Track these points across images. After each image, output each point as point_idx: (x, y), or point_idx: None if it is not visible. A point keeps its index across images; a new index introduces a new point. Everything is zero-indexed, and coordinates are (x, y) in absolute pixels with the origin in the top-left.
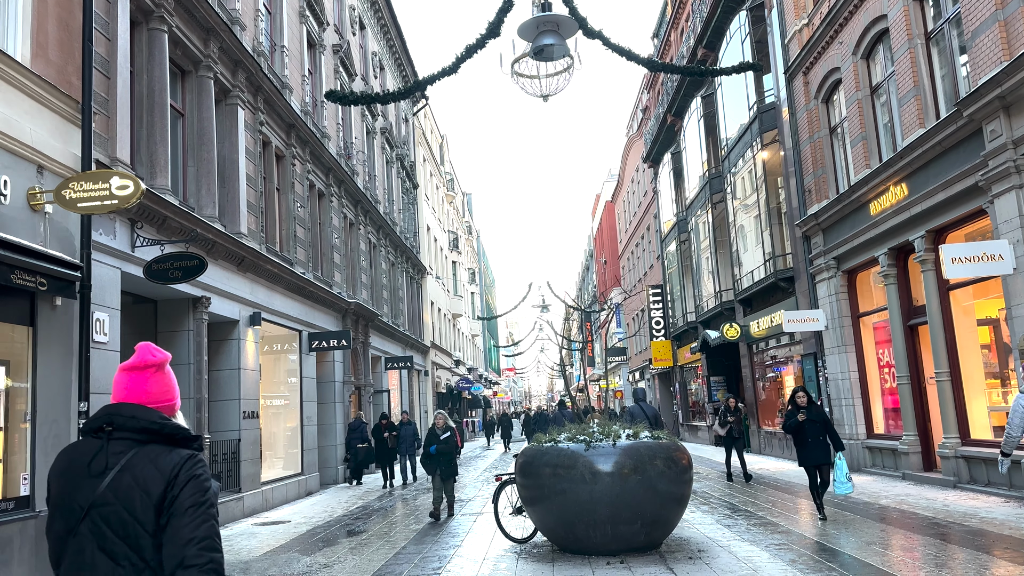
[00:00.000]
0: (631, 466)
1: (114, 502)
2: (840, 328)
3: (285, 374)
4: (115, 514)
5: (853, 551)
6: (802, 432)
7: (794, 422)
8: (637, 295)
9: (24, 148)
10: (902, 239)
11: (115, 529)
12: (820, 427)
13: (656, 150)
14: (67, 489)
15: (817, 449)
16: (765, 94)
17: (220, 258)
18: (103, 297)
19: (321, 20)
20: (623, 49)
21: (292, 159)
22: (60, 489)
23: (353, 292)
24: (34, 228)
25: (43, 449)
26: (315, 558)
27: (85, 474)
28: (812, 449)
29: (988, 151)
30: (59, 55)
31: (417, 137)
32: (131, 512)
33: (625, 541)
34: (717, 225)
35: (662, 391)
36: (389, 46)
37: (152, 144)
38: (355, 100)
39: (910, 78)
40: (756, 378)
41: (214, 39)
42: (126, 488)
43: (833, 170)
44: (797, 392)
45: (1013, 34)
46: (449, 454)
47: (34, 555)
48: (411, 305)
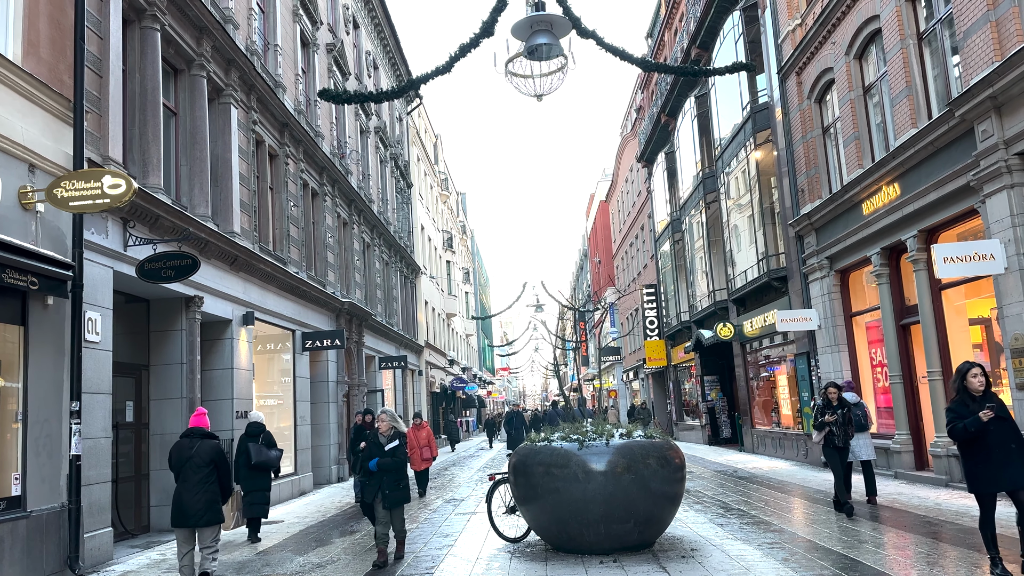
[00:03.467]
0: (624, 465)
1: (195, 456)
2: (833, 327)
3: (278, 374)
4: (196, 461)
5: (846, 550)
6: (983, 439)
7: (974, 421)
8: (631, 294)
9: (15, 147)
10: (894, 239)
11: (197, 466)
12: (1010, 429)
13: (650, 150)
14: (180, 454)
15: (1011, 464)
16: (758, 94)
17: (213, 257)
18: (95, 296)
19: (315, 19)
20: (617, 49)
21: (285, 158)
22: (178, 455)
23: (347, 291)
24: (26, 227)
25: (35, 449)
26: (308, 557)
27: (187, 448)
28: (1002, 464)
29: (980, 151)
30: (51, 53)
31: (411, 136)
32: (202, 460)
33: (618, 540)
34: (711, 225)
35: (656, 391)
36: (383, 45)
37: (144, 143)
38: (349, 99)
39: (902, 78)
40: (749, 377)
41: (207, 38)
42: (198, 452)
43: (826, 170)
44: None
45: (1005, 34)
46: (397, 471)
47: (26, 555)
48: (405, 305)
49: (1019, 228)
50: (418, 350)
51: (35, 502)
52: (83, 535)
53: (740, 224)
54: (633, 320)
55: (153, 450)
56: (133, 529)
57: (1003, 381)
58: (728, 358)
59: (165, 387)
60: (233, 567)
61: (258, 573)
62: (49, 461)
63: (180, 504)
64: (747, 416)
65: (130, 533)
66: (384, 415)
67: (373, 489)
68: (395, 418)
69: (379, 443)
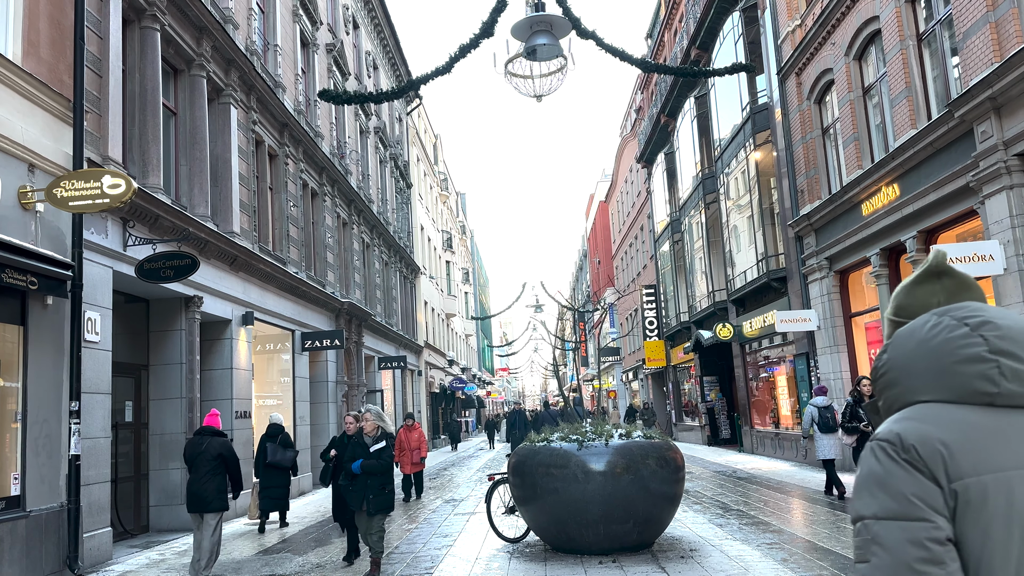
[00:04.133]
0: (623, 465)
1: (205, 451)
2: (832, 328)
3: (278, 374)
4: (207, 455)
5: (845, 550)
6: None
7: None
8: (630, 295)
9: (15, 146)
10: (894, 239)
11: (207, 460)
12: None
13: (650, 150)
14: (193, 450)
15: None
16: (758, 95)
17: (212, 257)
18: (95, 296)
19: (314, 19)
20: (616, 50)
21: (285, 158)
22: (191, 450)
23: (346, 292)
24: (25, 227)
25: (34, 449)
26: (307, 557)
27: (199, 444)
28: None
29: (979, 152)
30: (51, 53)
31: (411, 137)
32: (211, 455)
33: (617, 540)
34: (710, 225)
35: (655, 391)
36: (383, 45)
37: (144, 143)
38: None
39: (902, 79)
40: (749, 378)
41: (207, 38)
42: (208, 448)
43: (825, 170)
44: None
45: (1004, 35)
46: (383, 474)
47: (25, 555)
48: (405, 305)
49: (1018, 229)
50: (417, 350)
51: (34, 502)
52: (82, 535)
53: (740, 225)
54: (632, 320)
55: (152, 450)
56: (132, 529)
57: None
58: (727, 359)
59: (164, 387)
60: (232, 567)
61: (257, 573)
62: (48, 461)
63: (192, 492)
64: (746, 417)
65: (129, 533)
66: (369, 413)
67: (359, 495)
68: (381, 417)
69: (364, 444)
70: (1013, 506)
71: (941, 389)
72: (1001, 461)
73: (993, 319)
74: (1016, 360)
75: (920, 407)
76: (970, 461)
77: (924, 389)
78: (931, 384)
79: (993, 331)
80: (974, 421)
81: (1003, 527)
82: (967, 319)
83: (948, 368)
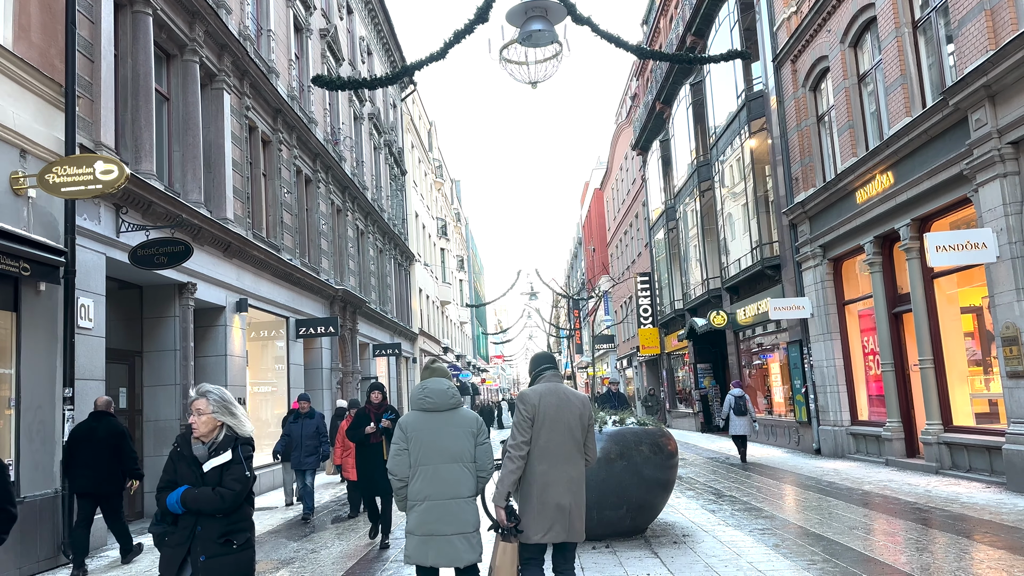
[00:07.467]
0: (617, 452)
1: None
2: (825, 315)
3: (272, 361)
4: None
5: (836, 536)
6: None
7: None
8: (625, 282)
9: (7, 132)
10: (887, 227)
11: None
12: None
13: (645, 138)
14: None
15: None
16: (753, 82)
17: (206, 244)
18: (88, 283)
19: (308, 4)
20: (612, 36)
21: (279, 144)
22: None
23: (341, 279)
24: (17, 213)
25: (27, 435)
26: (303, 544)
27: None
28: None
29: (973, 140)
30: (42, 38)
31: (405, 123)
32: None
33: (611, 526)
34: (705, 213)
35: (649, 378)
36: (377, 31)
37: (137, 128)
38: (342, 85)
39: (897, 67)
40: (742, 365)
41: (199, 23)
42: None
43: (820, 158)
44: None
45: (999, 23)
46: (227, 518)
47: (19, 541)
48: (399, 292)
49: (1011, 217)
50: (412, 337)
51: (28, 488)
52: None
53: (734, 212)
54: (627, 308)
55: (147, 436)
56: (127, 515)
57: (994, 369)
58: (721, 346)
59: (158, 374)
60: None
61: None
62: (42, 447)
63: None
64: None
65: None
66: (204, 401)
67: (176, 554)
68: (227, 407)
69: (192, 457)
70: None
71: None
72: None
73: None
74: None
75: None
76: None
77: None
78: None
79: None
80: None
81: None
82: None
83: None
